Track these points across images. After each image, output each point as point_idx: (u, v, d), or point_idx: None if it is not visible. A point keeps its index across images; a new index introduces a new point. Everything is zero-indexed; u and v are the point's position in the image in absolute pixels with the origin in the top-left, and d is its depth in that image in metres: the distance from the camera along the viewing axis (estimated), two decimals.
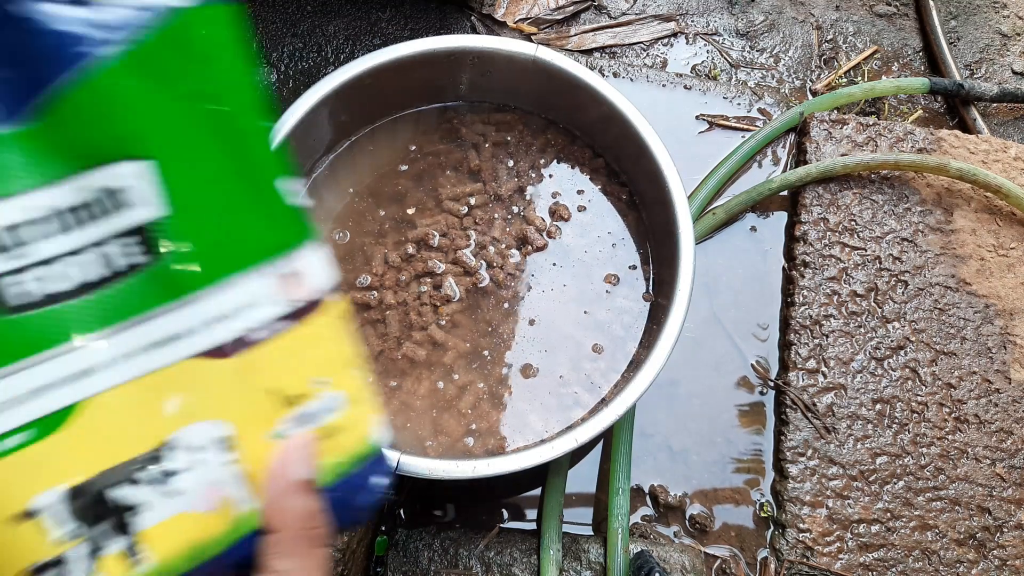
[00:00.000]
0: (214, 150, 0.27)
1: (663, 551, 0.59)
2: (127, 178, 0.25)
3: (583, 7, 0.85)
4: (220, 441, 0.27)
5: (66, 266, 0.25)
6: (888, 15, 0.90)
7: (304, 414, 0.29)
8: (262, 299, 0.28)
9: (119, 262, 0.26)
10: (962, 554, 0.62)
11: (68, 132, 0.25)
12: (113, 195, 0.26)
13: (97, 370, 0.26)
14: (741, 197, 0.72)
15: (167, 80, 0.26)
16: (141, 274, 0.26)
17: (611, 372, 0.61)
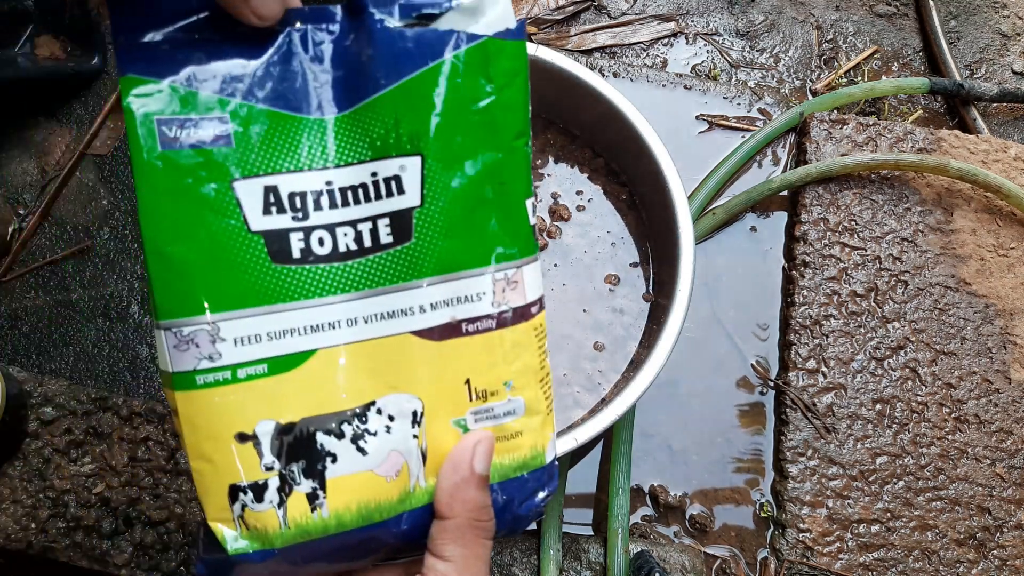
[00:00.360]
0: (479, 159, 0.31)
1: (663, 551, 0.59)
2: (401, 170, 0.30)
3: (583, 7, 0.85)
4: (412, 414, 0.30)
5: (335, 234, 0.29)
6: (888, 15, 0.90)
7: (489, 411, 0.31)
8: (482, 296, 0.31)
9: (376, 239, 0.30)
10: (962, 554, 0.62)
11: (373, 125, 0.30)
12: (387, 182, 0.30)
13: (329, 328, 0.29)
14: (741, 197, 0.72)
15: (467, 91, 0.30)
16: (391, 252, 0.30)
17: (611, 372, 0.61)
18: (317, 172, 0.29)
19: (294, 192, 0.29)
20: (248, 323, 0.28)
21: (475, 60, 0.30)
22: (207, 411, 0.28)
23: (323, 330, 0.29)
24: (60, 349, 0.66)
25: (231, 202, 0.28)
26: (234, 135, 0.28)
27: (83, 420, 0.58)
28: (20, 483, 0.55)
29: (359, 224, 0.30)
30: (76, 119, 0.74)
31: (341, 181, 0.30)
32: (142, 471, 0.57)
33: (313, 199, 0.29)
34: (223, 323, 0.28)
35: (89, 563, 0.54)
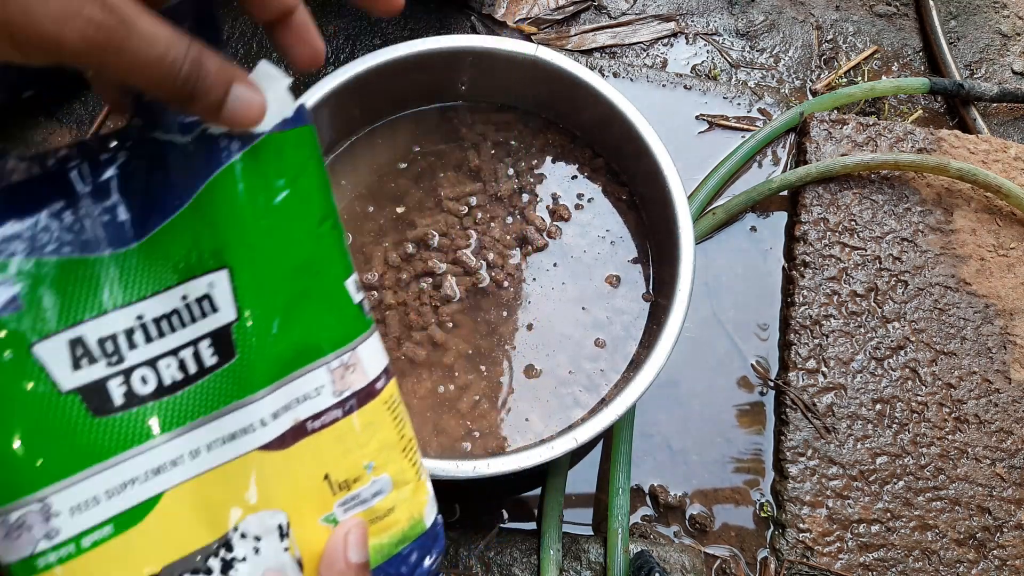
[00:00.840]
0: (287, 257, 0.30)
1: (663, 551, 0.59)
2: (210, 287, 0.28)
3: (583, 7, 0.85)
4: (277, 529, 0.29)
5: (158, 368, 0.28)
6: (888, 15, 0.90)
7: (356, 497, 0.30)
8: (322, 390, 0.30)
9: (201, 363, 0.29)
10: (962, 554, 0.62)
11: (173, 248, 0.28)
12: (199, 303, 0.29)
13: (171, 467, 0.28)
14: (741, 197, 0.72)
15: (259, 192, 0.29)
16: (218, 373, 0.29)
17: (611, 372, 0.61)
18: (125, 309, 0.28)
19: (103, 337, 0.27)
20: (82, 488, 0.26)
21: (259, 160, 0.29)
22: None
23: (165, 471, 0.28)
24: None
25: (34, 368, 0.26)
26: (23, 297, 0.26)
27: None
28: None
29: (180, 351, 0.28)
30: (76, 119, 0.74)
31: (152, 312, 0.28)
32: None
33: (126, 339, 0.28)
34: (53, 496, 0.26)
35: None
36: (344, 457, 0.30)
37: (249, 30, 0.79)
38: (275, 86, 0.30)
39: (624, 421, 0.63)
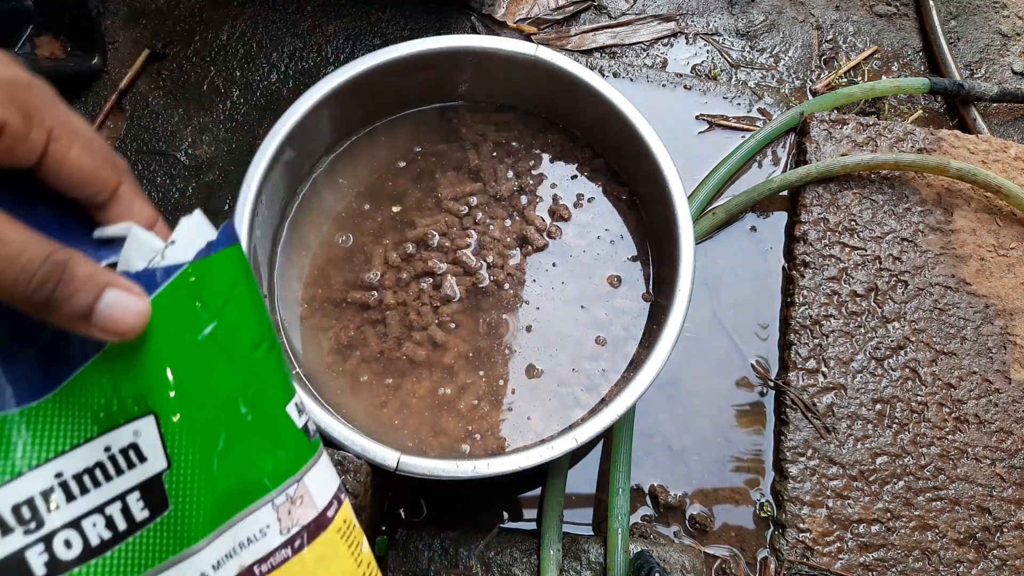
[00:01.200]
0: (221, 390, 0.27)
1: (663, 551, 0.59)
2: (135, 436, 0.26)
3: (583, 7, 0.85)
4: None
5: (83, 528, 0.25)
6: (888, 15, 0.90)
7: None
8: (268, 530, 0.28)
9: (131, 518, 0.26)
10: (962, 554, 0.62)
11: (89, 397, 0.26)
12: (124, 454, 0.26)
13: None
14: (741, 197, 0.72)
15: (183, 328, 0.26)
16: (151, 526, 0.26)
17: (611, 372, 0.60)
18: (41, 468, 0.25)
19: (18, 504, 0.25)
20: None
21: (181, 292, 0.27)
22: None
23: None
24: None
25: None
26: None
27: None
28: None
29: (107, 507, 0.26)
30: None
31: (72, 468, 0.25)
32: None
33: (43, 501, 0.25)
34: None
35: None
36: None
37: (249, 30, 0.79)
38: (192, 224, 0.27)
39: (624, 421, 0.63)
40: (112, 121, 0.74)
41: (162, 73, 0.77)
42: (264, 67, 0.78)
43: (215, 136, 0.74)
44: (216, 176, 0.73)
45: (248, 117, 0.75)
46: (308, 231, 0.63)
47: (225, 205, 0.71)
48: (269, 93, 0.76)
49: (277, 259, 0.61)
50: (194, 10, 0.79)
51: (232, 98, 0.76)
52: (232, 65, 0.77)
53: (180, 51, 0.78)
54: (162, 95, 0.76)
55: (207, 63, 0.77)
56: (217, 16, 0.79)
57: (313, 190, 0.64)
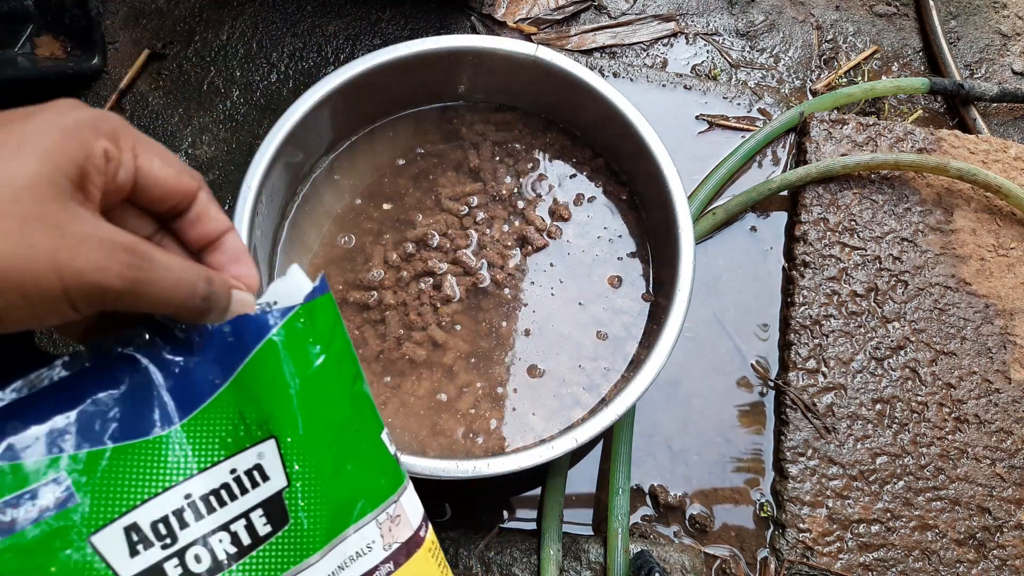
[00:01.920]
0: (330, 419, 0.30)
1: (663, 551, 0.59)
2: (259, 458, 0.29)
3: (583, 7, 0.85)
4: None
5: (210, 544, 0.28)
6: (888, 15, 0.90)
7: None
8: (373, 546, 0.30)
9: (255, 533, 0.29)
10: (962, 554, 0.62)
11: (218, 424, 0.29)
12: (248, 475, 0.29)
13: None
14: (741, 197, 0.72)
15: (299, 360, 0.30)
16: (272, 541, 0.29)
17: (611, 372, 0.60)
18: (174, 489, 0.28)
19: (156, 520, 0.27)
20: None
21: (296, 330, 0.30)
22: None
23: None
24: (60, 349, 0.66)
25: (94, 559, 0.26)
26: (76, 488, 0.26)
27: None
28: None
29: (232, 525, 0.29)
30: None
31: (201, 489, 0.28)
32: None
33: (177, 519, 0.28)
34: None
35: None
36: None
37: (249, 30, 0.79)
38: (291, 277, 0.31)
39: (624, 421, 0.63)
40: None
41: (162, 73, 0.77)
42: (264, 67, 0.78)
43: (215, 136, 0.74)
44: (216, 176, 0.73)
45: (248, 117, 0.75)
46: (308, 231, 0.63)
47: (225, 205, 0.71)
48: (269, 93, 0.76)
49: (277, 259, 0.61)
50: (194, 10, 0.79)
51: (232, 98, 0.76)
52: (232, 65, 0.77)
53: (180, 51, 0.78)
54: (162, 95, 0.76)
55: (207, 63, 0.77)
56: (217, 16, 0.79)
57: (313, 190, 0.64)
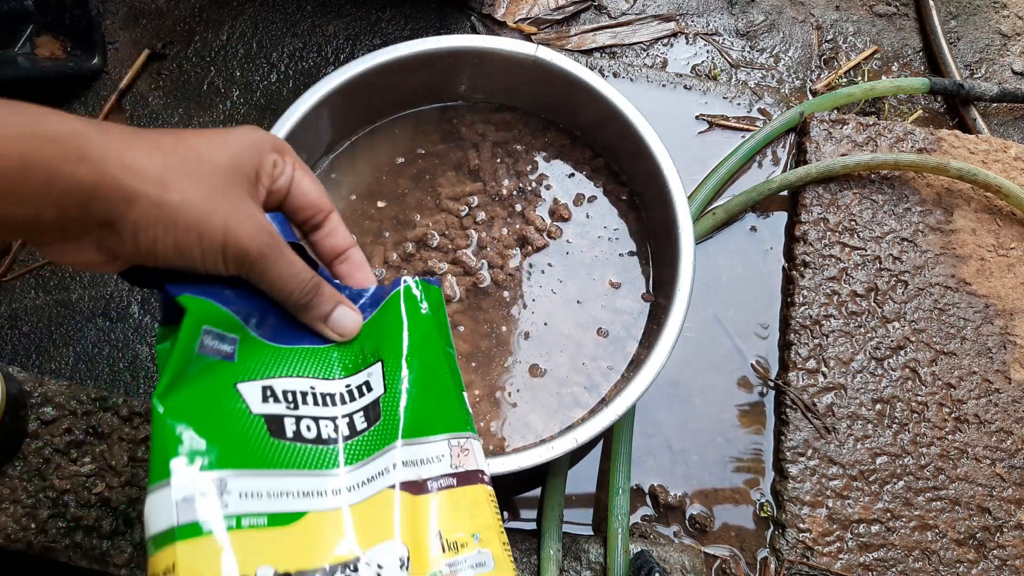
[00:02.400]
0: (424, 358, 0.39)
1: (663, 551, 0.59)
2: (368, 376, 0.38)
3: (583, 7, 0.85)
4: (399, 561, 0.33)
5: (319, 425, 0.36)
6: (888, 15, 0.90)
7: (461, 562, 0.35)
8: (442, 459, 0.37)
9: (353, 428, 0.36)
10: (962, 554, 0.62)
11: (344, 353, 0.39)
12: (359, 388, 0.38)
13: (321, 495, 0.34)
14: (741, 197, 0.72)
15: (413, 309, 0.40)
16: (367, 433, 0.36)
17: (611, 372, 0.61)
18: (304, 380, 0.37)
19: (287, 390, 0.36)
20: (251, 481, 0.32)
21: (412, 295, 0.40)
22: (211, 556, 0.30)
23: (313, 496, 0.34)
24: (60, 349, 0.66)
25: (236, 395, 0.34)
26: (236, 353, 0.35)
27: (83, 420, 0.58)
28: (20, 483, 0.55)
29: (338, 420, 0.36)
30: None
31: (322, 388, 0.37)
32: (142, 471, 0.57)
33: (301, 397, 0.36)
34: (230, 478, 0.32)
35: (89, 563, 0.54)
36: (454, 521, 0.36)
37: (249, 30, 0.79)
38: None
39: (624, 421, 0.63)
40: (112, 121, 0.74)
41: (162, 73, 0.77)
42: (264, 67, 0.78)
43: None
44: None
45: (248, 117, 0.75)
46: None
47: None
48: (269, 93, 0.76)
49: None
50: (194, 10, 0.79)
51: (232, 98, 0.76)
52: (232, 65, 0.77)
53: (180, 51, 0.78)
54: (162, 95, 0.76)
55: (207, 63, 0.77)
56: (217, 16, 0.79)
57: None
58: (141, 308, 0.67)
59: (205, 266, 0.33)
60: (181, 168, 0.32)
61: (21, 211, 0.28)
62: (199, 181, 0.32)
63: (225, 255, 0.33)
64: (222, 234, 0.32)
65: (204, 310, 0.34)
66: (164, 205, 0.31)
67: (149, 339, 0.66)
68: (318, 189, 0.39)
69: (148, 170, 0.30)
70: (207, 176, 0.32)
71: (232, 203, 0.33)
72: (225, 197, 0.33)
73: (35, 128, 0.28)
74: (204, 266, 0.33)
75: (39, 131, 0.28)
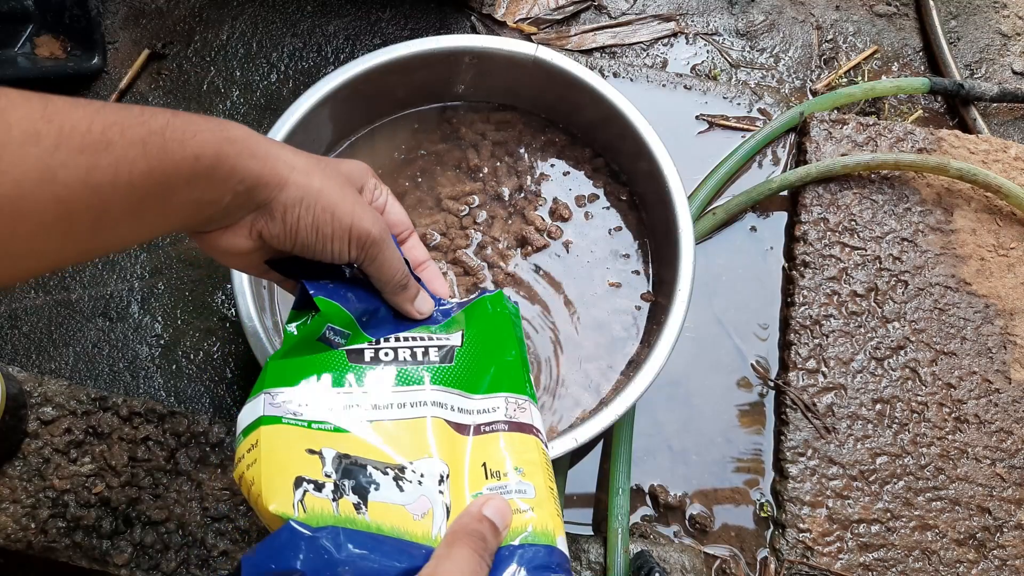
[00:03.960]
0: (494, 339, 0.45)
1: (663, 551, 0.59)
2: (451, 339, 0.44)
3: (583, 7, 0.85)
4: (439, 476, 0.38)
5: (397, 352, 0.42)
6: (888, 15, 0.90)
7: (503, 487, 0.39)
8: (497, 410, 0.42)
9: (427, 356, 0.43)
10: (962, 554, 0.62)
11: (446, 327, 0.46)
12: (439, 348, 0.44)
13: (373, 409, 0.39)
14: (741, 197, 0.72)
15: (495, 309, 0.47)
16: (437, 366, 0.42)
17: (611, 372, 0.61)
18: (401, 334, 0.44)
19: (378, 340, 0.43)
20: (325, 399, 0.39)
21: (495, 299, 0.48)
22: (286, 436, 0.37)
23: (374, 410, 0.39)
24: (60, 349, 0.66)
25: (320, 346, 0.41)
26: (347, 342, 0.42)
27: (83, 420, 0.58)
28: (20, 483, 0.55)
29: (415, 347, 0.43)
30: None
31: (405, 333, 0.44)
32: (142, 471, 0.57)
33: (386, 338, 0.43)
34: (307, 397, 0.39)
35: (89, 563, 0.54)
36: (500, 455, 0.40)
37: (249, 30, 0.79)
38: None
39: (624, 421, 0.63)
40: None
41: (162, 73, 0.77)
42: (264, 67, 0.78)
43: None
44: None
45: (248, 117, 0.75)
46: None
47: None
48: (269, 93, 0.76)
49: None
50: (194, 10, 0.79)
51: (232, 98, 0.76)
52: (232, 65, 0.77)
53: (180, 51, 0.78)
54: (162, 95, 0.76)
55: (207, 63, 0.77)
56: (217, 16, 0.79)
57: None
58: (141, 308, 0.67)
59: (333, 246, 0.40)
60: (318, 166, 0.40)
61: (212, 194, 0.35)
62: (332, 177, 0.40)
63: (351, 235, 0.40)
64: (350, 217, 0.39)
65: (332, 312, 0.41)
66: (309, 189, 0.38)
67: (149, 339, 0.66)
68: (404, 212, 0.48)
69: (296, 163, 0.39)
70: (336, 175, 0.41)
71: (356, 197, 0.41)
72: (352, 194, 0.41)
73: (223, 132, 0.35)
74: (332, 246, 0.40)
75: (226, 135, 0.35)
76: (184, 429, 0.58)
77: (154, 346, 0.66)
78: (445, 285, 0.50)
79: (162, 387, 0.65)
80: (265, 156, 0.37)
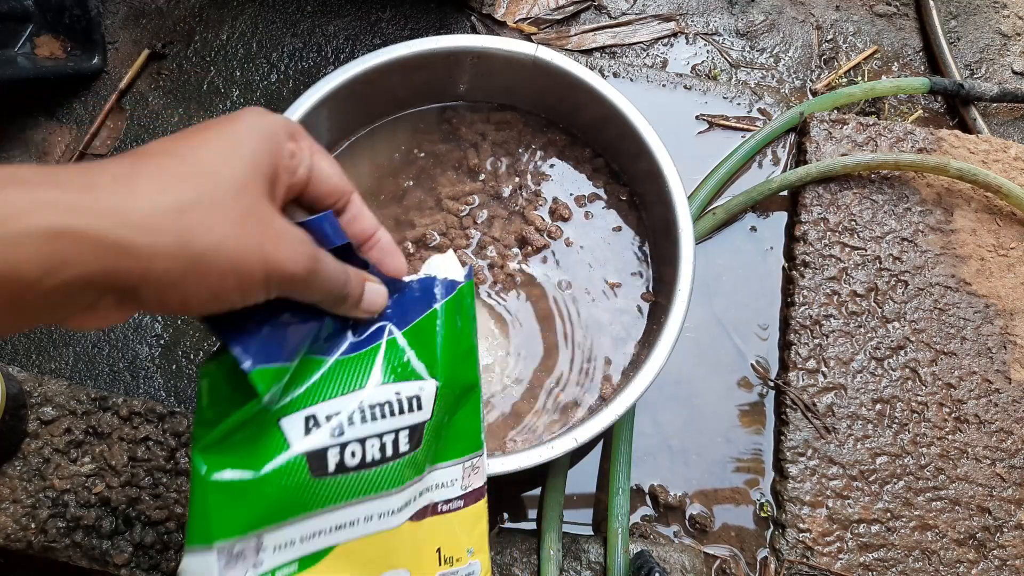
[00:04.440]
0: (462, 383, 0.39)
1: (663, 551, 0.59)
2: (421, 391, 0.37)
3: (583, 7, 0.85)
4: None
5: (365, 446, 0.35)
6: (888, 15, 0.90)
7: (455, 573, 0.38)
8: (455, 483, 0.39)
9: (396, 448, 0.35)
10: (962, 554, 0.62)
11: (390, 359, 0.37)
12: (408, 400, 0.36)
13: (352, 525, 0.34)
14: (741, 197, 0.72)
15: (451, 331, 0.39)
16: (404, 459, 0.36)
17: (611, 372, 0.60)
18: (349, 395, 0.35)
19: (330, 414, 0.34)
20: (287, 531, 0.32)
21: (454, 303, 0.40)
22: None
23: (344, 528, 0.34)
24: (60, 349, 0.66)
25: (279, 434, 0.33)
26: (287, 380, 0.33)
27: (83, 420, 0.58)
28: (20, 483, 0.55)
29: (384, 436, 0.35)
30: (76, 119, 0.74)
31: (371, 400, 0.35)
32: (142, 471, 0.57)
33: (347, 419, 0.34)
34: (267, 535, 0.32)
35: (89, 563, 0.54)
36: (455, 538, 0.38)
37: (249, 30, 0.79)
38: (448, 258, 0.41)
39: (624, 421, 0.63)
40: (112, 121, 0.74)
41: (162, 73, 0.77)
42: (264, 67, 0.78)
43: None
44: None
45: None
46: None
47: None
48: (269, 93, 0.76)
49: None
50: (194, 10, 0.79)
51: (232, 98, 0.76)
52: (232, 65, 0.77)
53: (180, 51, 0.78)
54: (162, 95, 0.76)
55: (207, 63, 0.77)
56: (217, 16, 0.79)
57: None
58: None
59: (246, 303, 0.30)
60: (197, 202, 0.27)
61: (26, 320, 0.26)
62: (224, 212, 0.28)
63: (269, 286, 0.30)
64: (263, 269, 0.29)
65: (274, 378, 0.32)
66: (190, 257, 0.27)
67: (149, 339, 0.66)
68: (336, 171, 0.36)
69: (160, 220, 0.26)
70: (230, 200, 0.28)
71: (263, 226, 0.30)
72: (254, 221, 0.29)
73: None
74: (245, 303, 0.30)
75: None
76: (184, 429, 0.58)
77: (154, 346, 0.66)
78: (402, 260, 0.40)
79: (162, 387, 0.65)
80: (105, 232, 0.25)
